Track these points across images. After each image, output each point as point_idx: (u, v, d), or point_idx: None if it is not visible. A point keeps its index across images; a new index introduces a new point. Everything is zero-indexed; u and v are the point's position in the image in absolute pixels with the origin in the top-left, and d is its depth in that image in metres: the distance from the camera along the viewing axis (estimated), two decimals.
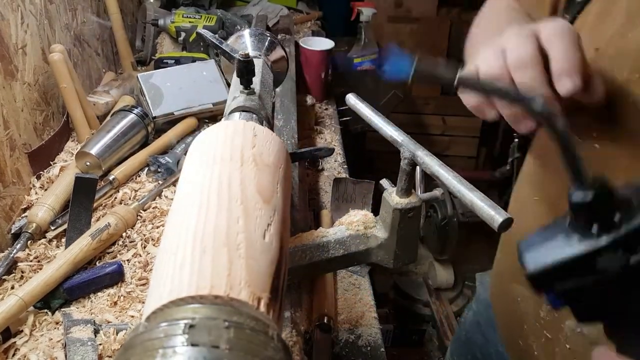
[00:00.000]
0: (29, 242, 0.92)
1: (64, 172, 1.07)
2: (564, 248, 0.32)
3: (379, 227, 0.66)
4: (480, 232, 2.38)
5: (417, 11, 2.87)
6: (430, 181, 0.69)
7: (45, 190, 1.04)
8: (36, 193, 1.04)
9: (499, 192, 2.37)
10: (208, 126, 1.28)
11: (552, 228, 0.34)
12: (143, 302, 0.84)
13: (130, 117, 1.16)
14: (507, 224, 0.51)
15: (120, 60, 1.53)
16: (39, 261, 0.89)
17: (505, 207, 0.54)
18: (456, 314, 2.22)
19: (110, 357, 0.73)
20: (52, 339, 0.76)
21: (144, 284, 0.87)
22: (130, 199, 1.06)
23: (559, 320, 0.63)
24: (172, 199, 1.04)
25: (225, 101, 0.65)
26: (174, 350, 0.27)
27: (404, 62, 0.44)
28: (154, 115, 1.22)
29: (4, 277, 0.86)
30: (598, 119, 0.52)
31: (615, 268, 0.31)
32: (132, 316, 0.81)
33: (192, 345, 0.27)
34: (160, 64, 1.43)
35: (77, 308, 0.83)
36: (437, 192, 0.68)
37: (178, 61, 1.42)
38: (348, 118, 1.59)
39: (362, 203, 1.03)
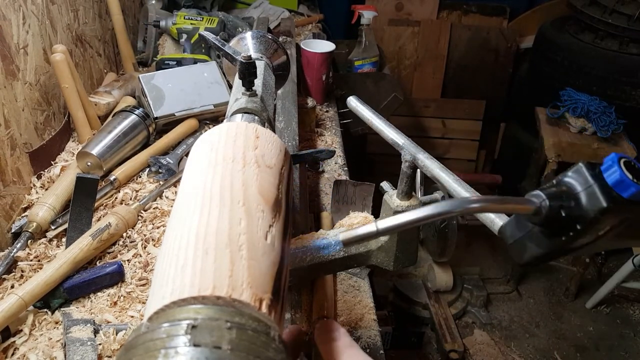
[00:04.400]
0: (29, 241, 0.92)
1: (64, 172, 1.07)
2: (542, 244, 0.41)
3: None
4: (479, 235, 2.40)
5: (418, 14, 2.88)
6: (430, 184, 0.69)
7: (46, 189, 1.04)
8: (37, 192, 1.04)
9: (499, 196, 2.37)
10: (209, 127, 1.29)
11: (519, 226, 0.44)
12: (143, 303, 0.84)
13: (132, 118, 1.16)
14: None
15: (122, 61, 1.54)
16: (39, 260, 0.89)
17: None
18: (455, 316, 2.23)
19: (109, 357, 0.73)
20: (51, 338, 0.76)
21: (144, 284, 0.87)
22: (131, 199, 1.06)
23: None
24: (172, 200, 1.05)
25: (226, 103, 0.66)
26: (176, 351, 0.27)
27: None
28: (155, 116, 1.22)
29: (4, 276, 0.86)
30: None
31: (589, 240, 0.39)
32: (132, 316, 0.81)
33: (195, 345, 0.27)
34: (161, 65, 1.43)
35: (77, 308, 0.83)
36: (437, 194, 0.69)
37: (180, 62, 1.42)
38: (349, 120, 1.59)
39: (362, 205, 1.03)
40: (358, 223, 0.66)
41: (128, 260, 0.91)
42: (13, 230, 0.96)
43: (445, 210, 0.40)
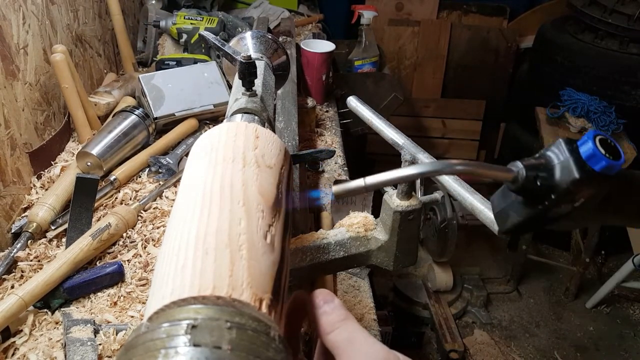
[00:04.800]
0: (29, 241, 0.92)
1: (64, 172, 1.07)
2: (521, 212, 0.45)
3: (379, 229, 0.66)
4: (479, 235, 2.40)
5: (418, 14, 2.88)
6: (430, 184, 0.69)
7: (46, 190, 1.04)
8: (37, 193, 1.04)
9: None
10: (209, 127, 1.29)
11: (504, 196, 0.47)
12: (143, 303, 0.84)
13: (132, 118, 1.16)
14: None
15: (122, 61, 1.54)
16: (39, 261, 0.89)
17: None
18: (455, 316, 2.23)
19: (110, 357, 0.73)
20: (51, 338, 0.76)
21: (144, 285, 0.87)
22: (131, 199, 1.06)
23: None
24: (172, 200, 1.05)
25: (226, 102, 0.66)
26: (176, 351, 0.27)
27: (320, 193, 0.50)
28: (155, 116, 1.22)
29: (4, 277, 0.86)
30: None
31: (565, 211, 0.42)
32: (132, 316, 0.81)
33: (195, 345, 0.27)
34: (161, 65, 1.43)
35: (77, 308, 0.83)
36: (437, 194, 0.69)
37: (179, 62, 1.42)
38: (349, 120, 1.59)
39: (362, 205, 1.03)
40: (358, 223, 0.66)
41: (128, 260, 0.91)
42: (13, 231, 0.96)
43: (433, 170, 0.43)
